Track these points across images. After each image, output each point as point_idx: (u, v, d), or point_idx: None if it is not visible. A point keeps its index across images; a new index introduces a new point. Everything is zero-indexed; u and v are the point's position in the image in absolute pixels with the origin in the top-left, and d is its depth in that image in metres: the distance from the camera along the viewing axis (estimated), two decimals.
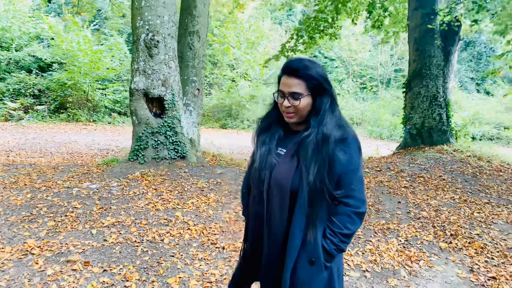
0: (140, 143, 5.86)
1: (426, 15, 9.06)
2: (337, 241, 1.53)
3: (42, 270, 3.16)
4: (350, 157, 1.52)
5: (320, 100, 1.56)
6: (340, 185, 1.52)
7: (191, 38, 6.70)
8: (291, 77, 1.56)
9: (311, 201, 1.49)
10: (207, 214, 4.57)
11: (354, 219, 1.55)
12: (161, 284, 3.12)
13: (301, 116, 1.59)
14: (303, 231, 1.51)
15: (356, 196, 1.54)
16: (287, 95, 1.56)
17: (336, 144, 1.51)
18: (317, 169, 1.48)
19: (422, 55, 9.20)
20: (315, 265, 1.52)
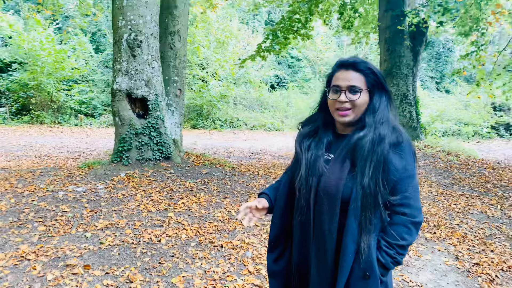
0: (124, 144, 5.78)
1: (396, 16, 9.45)
2: (393, 253, 1.41)
3: (42, 276, 3.09)
4: (406, 163, 1.42)
5: (378, 98, 1.46)
6: (395, 192, 1.41)
7: (172, 38, 6.66)
8: (349, 70, 1.47)
9: (365, 206, 1.39)
10: (200, 214, 4.59)
11: (411, 229, 1.43)
12: (166, 284, 3.13)
13: (357, 114, 1.47)
14: (355, 242, 1.40)
15: (412, 205, 1.43)
16: (345, 89, 1.45)
17: (391, 148, 1.41)
18: (372, 171, 1.38)
19: (392, 55, 9.58)
20: (370, 279, 1.39)
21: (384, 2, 9.70)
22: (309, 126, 1.64)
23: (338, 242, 1.43)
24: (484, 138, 18.41)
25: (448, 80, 29.17)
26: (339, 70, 1.49)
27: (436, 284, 3.36)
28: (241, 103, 20.70)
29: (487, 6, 9.28)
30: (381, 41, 9.92)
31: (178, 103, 6.87)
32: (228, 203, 4.99)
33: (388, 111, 1.47)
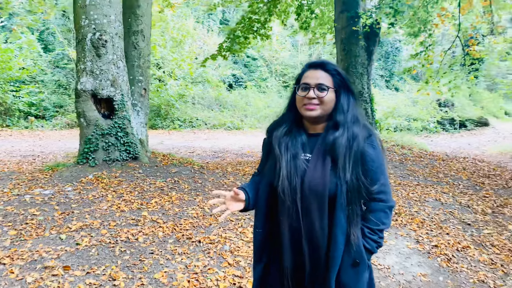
0: (90, 145, 5.69)
1: (351, 18, 9.89)
2: (376, 238, 1.52)
3: (21, 279, 3.06)
4: (378, 152, 1.54)
5: (345, 98, 1.57)
6: (373, 181, 1.51)
7: (136, 37, 6.61)
8: (317, 70, 1.57)
9: (350, 199, 1.47)
10: (174, 212, 4.65)
11: (388, 213, 1.55)
12: (149, 280, 3.20)
13: (324, 110, 1.55)
14: (345, 234, 1.47)
15: (387, 191, 1.55)
16: (313, 86, 1.54)
17: (365, 141, 1.51)
18: (352, 166, 1.47)
19: (348, 55, 10.03)
20: (359, 266, 1.49)
21: (340, 4, 10.12)
22: (282, 127, 1.67)
23: (329, 237, 1.50)
24: (432, 133, 19.59)
25: (396, 79, 30.63)
26: (309, 69, 1.60)
27: (401, 266, 3.66)
28: (199, 102, 20.63)
29: (433, 9, 9.96)
30: (337, 41, 10.35)
31: (143, 102, 6.84)
32: (201, 201, 5.08)
33: (357, 110, 1.59)
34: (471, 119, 21.07)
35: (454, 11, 10.28)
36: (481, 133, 19.70)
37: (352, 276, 1.49)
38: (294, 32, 12.67)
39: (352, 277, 1.49)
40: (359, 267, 1.49)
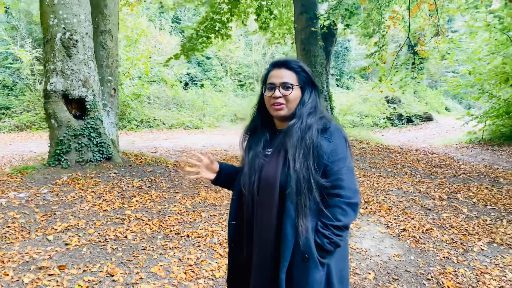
0: (62, 146, 5.59)
1: (310, 19, 10.31)
2: (328, 233, 1.46)
3: (17, 280, 3.06)
4: (335, 146, 1.50)
5: (308, 93, 1.61)
6: (327, 175, 1.48)
7: (104, 37, 6.54)
8: (282, 69, 1.60)
9: (299, 190, 1.45)
10: (157, 209, 4.74)
11: (345, 210, 1.47)
12: (146, 274, 3.31)
13: (290, 108, 1.59)
14: (294, 226, 1.45)
15: (345, 186, 1.48)
16: (278, 85, 1.58)
17: (319, 133, 1.51)
18: (303, 156, 1.47)
19: (308, 55, 10.45)
20: (309, 262, 1.44)
21: (299, 6, 10.51)
22: (250, 126, 1.75)
23: (279, 230, 1.49)
24: (382, 128, 20.71)
25: (346, 77, 31.88)
26: (273, 69, 1.63)
27: (377, 248, 4.03)
28: (156, 102, 20.36)
29: (385, 11, 10.62)
30: (297, 41, 10.74)
31: (113, 103, 6.79)
32: (181, 198, 5.20)
33: (317, 103, 1.61)
34: (417, 115, 22.47)
35: (403, 13, 11.02)
36: (426, 127, 21.08)
37: (302, 273, 1.45)
38: (254, 32, 12.87)
39: (302, 274, 1.45)
40: (309, 264, 1.44)
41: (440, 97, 27.86)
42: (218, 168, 1.77)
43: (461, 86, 14.88)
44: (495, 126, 14.71)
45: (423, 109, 23.53)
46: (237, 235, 1.70)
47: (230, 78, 31.79)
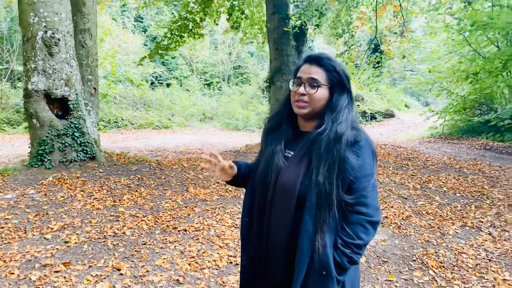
0: (45, 147, 5.51)
1: (282, 19, 10.56)
2: (349, 252, 1.39)
3: (24, 278, 3.08)
4: (363, 162, 1.41)
5: (338, 97, 1.48)
6: (351, 190, 1.40)
7: (83, 36, 6.46)
8: (312, 65, 1.49)
9: (320, 204, 1.38)
10: (149, 206, 4.80)
11: (367, 228, 1.41)
12: (152, 267, 3.41)
13: (313, 108, 1.48)
14: (311, 240, 1.38)
15: (369, 204, 1.41)
16: (305, 81, 1.47)
17: (348, 146, 1.41)
18: (327, 170, 1.38)
19: (281, 54, 10.69)
20: (326, 278, 1.38)
21: (271, 6, 10.73)
22: (274, 120, 1.64)
23: (294, 241, 1.42)
24: None
25: None
26: (304, 64, 1.52)
27: None
28: (123, 102, 19.98)
29: (352, 12, 11.07)
30: (270, 41, 10.97)
31: (93, 102, 6.72)
32: (171, 194, 5.28)
33: (349, 111, 1.48)
34: (380, 112, 23.38)
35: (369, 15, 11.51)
36: (388, 124, 21.98)
37: (316, 286, 1.39)
38: (225, 32, 13.00)
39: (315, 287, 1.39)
40: (325, 280, 1.38)
41: (400, 95, 29.07)
42: (235, 173, 1.66)
43: (422, 83, 15.70)
44: (453, 121, 15.63)
45: (385, 106, 24.48)
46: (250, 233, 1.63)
47: (197, 77, 31.68)
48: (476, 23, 11.91)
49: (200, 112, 22.14)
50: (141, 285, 3.10)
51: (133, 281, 3.15)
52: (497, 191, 6.22)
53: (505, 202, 5.70)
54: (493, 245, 4.27)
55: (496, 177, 7.08)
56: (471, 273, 3.59)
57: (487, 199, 5.80)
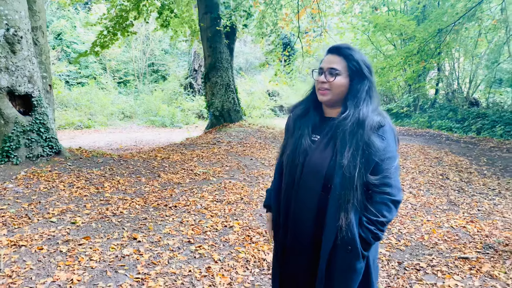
0: (11, 143, 5.57)
1: (214, 19, 11.26)
2: (374, 229, 1.50)
3: (54, 251, 3.46)
4: (387, 145, 1.51)
5: (357, 84, 1.56)
6: (376, 172, 1.50)
7: (35, 33, 6.47)
8: (333, 55, 1.60)
9: (344, 185, 1.47)
10: (132, 191, 5.26)
11: (390, 207, 1.51)
12: (161, 235, 3.98)
13: (334, 95, 1.59)
14: (336, 219, 1.49)
15: (392, 184, 1.51)
16: (325, 70, 1.59)
17: (373, 131, 1.50)
18: (351, 154, 1.47)
19: (214, 52, 11.40)
20: (351, 253, 1.49)
21: (203, 6, 11.35)
22: (301, 107, 1.75)
23: (319, 219, 1.56)
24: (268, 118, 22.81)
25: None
26: (327, 54, 1.64)
27: None
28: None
29: (276, 14, 12.18)
30: (204, 39, 11.59)
31: (50, 99, 6.76)
32: (146, 180, 5.75)
33: (370, 98, 1.57)
34: None
35: (291, 17, 12.74)
36: None
37: (343, 263, 1.51)
38: (155, 30, 13.25)
39: (343, 264, 1.52)
40: (351, 254, 1.50)
41: None
42: None
43: None
44: None
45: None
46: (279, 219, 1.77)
47: (111, 76, 30.64)
48: (377, 25, 13.87)
49: (119, 111, 21.71)
50: (160, 248, 3.68)
51: (152, 246, 3.71)
52: (409, 162, 7.74)
53: (416, 170, 7.19)
54: (414, 199, 5.56)
55: (405, 152, 8.68)
56: (405, 218, 4.78)
57: (403, 169, 7.23)
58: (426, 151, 8.85)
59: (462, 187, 6.24)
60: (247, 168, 6.83)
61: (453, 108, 14.15)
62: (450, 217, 4.84)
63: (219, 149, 8.25)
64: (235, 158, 7.47)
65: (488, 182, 6.58)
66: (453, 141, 10.67)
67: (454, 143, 10.32)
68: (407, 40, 14.68)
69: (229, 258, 3.53)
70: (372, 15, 13.68)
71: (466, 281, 3.23)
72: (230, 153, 7.86)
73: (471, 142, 10.43)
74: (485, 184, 6.45)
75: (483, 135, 11.72)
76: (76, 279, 3.01)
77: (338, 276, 1.54)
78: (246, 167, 6.89)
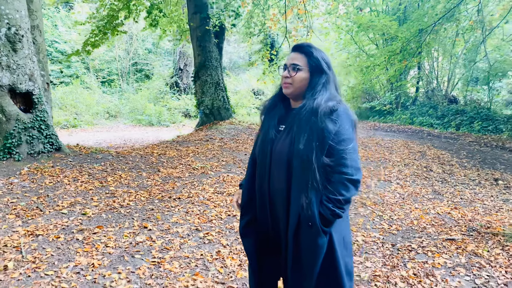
0: (13, 140, 5.67)
1: (203, 18, 11.46)
2: (332, 206, 1.59)
3: (71, 240, 3.65)
4: (341, 127, 1.61)
5: (316, 78, 1.72)
6: (332, 154, 1.60)
7: (33, 32, 6.56)
8: (296, 52, 1.77)
9: (302, 167, 1.60)
10: (135, 184, 5.45)
11: (348, 186, 1.60)
12: (170, 223, 4.21)
13: (296, 88, 1.75)
14: (298, 198, 1.63)
15: (348, 164, 1.60)
16: (288, 66, 1.75)
17: (326, 116, 1.61)
18: (307, 139, 1.60)
19: (204, 51, 11.60)
20: (313, 229, 1.61)
21: (192, 6, 11.54)
22: (270, 102, 1.93)
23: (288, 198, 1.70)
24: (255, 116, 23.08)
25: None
26: (291, 52, 1.80)
27: None
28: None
29: (264, 14, 12.45)
30: (193, 38, 11.77)
31: (48, 97, 6.86)
32: (147, 175, 5.94)
33: (326, 89, 1.71)
34: None
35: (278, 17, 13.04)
36: None
37: (306, 237, 1.64)
38: (144, 29, 13.34)
39: (306, 238, 1.64)
40: (313, 230, 1.62)
41: None
42: None
43: None
44: None
45: None
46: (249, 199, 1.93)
47: (94, 75, 30.37)
48: (361, 25, 14.31)
49: (104, 110, 21.63)
50: (170, 235, 3.91)
51: (162, 233, 3.94)
52: (395, 156, 8.14)
53: (402, 163, 7.58)
54: (402, 189, 5.93)
55: (390, 147, 9.09)
56: (394, 206, 5.12)
57: (390, 162, 7.62)
58: (409, 146, 9.29)
59: (445, 178, 6.65)
60: (242, 162, 7.09)
61: (433, 105, 14.71)
62: (435, 205, 5.21)
63: (212, 145, 8.48)
64: (229, 154, 7.71)
65: (469, 173, 7.02)
66: (434, 136, 11.17)
67: (435, 138, 10.82)
68: (389, 40, 15.18)
69: (237, 243, 3.78)
70: (357, 15, 14.10)
71: (454, 258, 3.58)
72: (225, 149, 8.10)
73: (451, 137, 10.95)
74: (466, 175, 6.88)
75: (462, 130, 12.29)
76: (97, 263, 3.22)
77: (304, 251, 1.66)
78: (241, 161, 7.15)
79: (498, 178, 6.75)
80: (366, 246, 3.85)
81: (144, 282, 2.98)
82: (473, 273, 3.30)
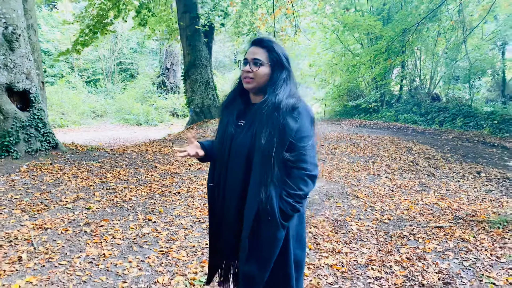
0: (10, 138, 5.73)
1: (193, 18, 11.59)
2: (292, 201, 1.63)
3: (79, 232, 3.78)
4: (301, 125, 1.63)
5: (277, 73, 1.71)
6: (292, 150, 1.62)
7: (28, 31, 6.60)
8: (257, 47, 1.73)
9: (263, 162, 1.61)
10: (134, 180, 5.58)
11: (307, 181, 1.64)
12: (173, 216, 4.37)
13: (257, 83, 1.73)
14: (257, 193, 1.62)
15: (307, 161, 1.63)
16: (250, 60, 1.71)
17: (288, 113, 1.62)
18: (268, 134, 1.60)
19: (194, 50, 11.73)
20: (271, 223, 1.63)
21: (182, 6, 11.65)
22: (229, 96, 1.89)
23: (243, 195, 1.70)
24: None
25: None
26: (251, 46, 1.76)
27: None
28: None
29: (252, 14, 12.65)
30: (183, 38, 11.88)
31: (43, 95, 6.91)
32: (146, 171, 6.07)
33: (287, 85, 1.71)
34: None
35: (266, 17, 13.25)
36: None
37: (268, 229, 1.65)
38: (133, 28, 13.38)
39: (268, 230, 1.65)
40: (272, 224, 1.63)
41: None
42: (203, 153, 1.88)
43: (306, 76, 18.32)
44: (331, 107, 18.58)
45: None
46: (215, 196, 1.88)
47: (79, 75, 30.06)
48: (347, 25, 14.63)
49: (91, 110, 21.49)
50: (175, 227, 4.07)
51: (167, 225, 4.09)
52: (382, 151, 8.44)
53: (389, 158, 7.88)
54: (391, 183, 6.20)
55: (377, 143, 9.40)
56: (385, 198, 5.38)
57: (378, 157, 7.91)
58: (396, 142, 9.61)
59: (431, 172, 6.96)
60: None
61: (417, 102, 15.14)
62: (423, 196, 5.49)
63: None
64: None
65: (453, 167, 7.36)
66: (419, 132, 11.55)
67: (420, 134, 11.19)
68: (374, 40, 15.56)
69: None
70: (343, 15, 14.41)
71: (443, 244, 3.84)
72: None
73: (435, 133, 11.35)
74: (450, 169, 7.21)
75: (445, 127, 12.72)
76: (108, 253, 3.36)
77: (262, 244, 1.67)
78: None
79: (480, 171, 7.10)
80: (361, 234, 4.08)
81: (155, 269, 3.14)
82: (461, 256, 3.56)
